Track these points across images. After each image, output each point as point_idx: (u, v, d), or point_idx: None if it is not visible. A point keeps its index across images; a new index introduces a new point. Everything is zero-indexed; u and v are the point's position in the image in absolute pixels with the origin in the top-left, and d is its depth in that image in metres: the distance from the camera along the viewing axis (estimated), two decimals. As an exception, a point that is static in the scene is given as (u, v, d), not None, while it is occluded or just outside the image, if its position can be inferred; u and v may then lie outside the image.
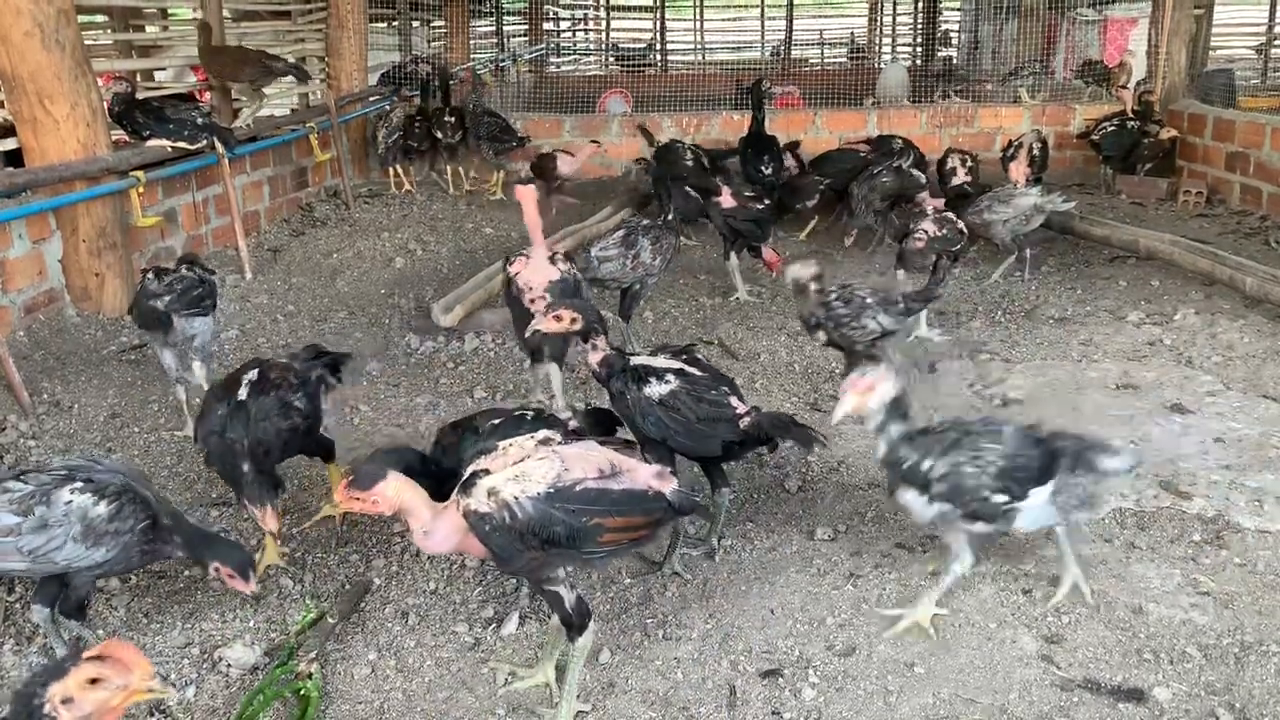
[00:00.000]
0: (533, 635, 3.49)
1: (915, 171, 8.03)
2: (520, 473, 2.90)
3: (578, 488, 2.91)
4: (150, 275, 5.03)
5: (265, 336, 6.42)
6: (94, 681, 2.14)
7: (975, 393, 5.38)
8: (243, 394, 3.79)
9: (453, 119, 10.17)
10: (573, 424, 3.81)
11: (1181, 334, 6.10)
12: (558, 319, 3.81)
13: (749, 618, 3.54)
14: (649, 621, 3.54)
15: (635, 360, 3.89)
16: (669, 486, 3.04)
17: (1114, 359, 5.80)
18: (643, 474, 3.04)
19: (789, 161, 9.27)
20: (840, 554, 3.91)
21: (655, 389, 3.76)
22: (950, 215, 6.36)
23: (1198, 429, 4.84)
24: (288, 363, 4.09)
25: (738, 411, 3.78)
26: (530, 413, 3.81)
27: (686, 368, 3.87)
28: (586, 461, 2.98)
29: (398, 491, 2.88)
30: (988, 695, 3.13)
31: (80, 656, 2.17)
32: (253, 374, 3.90)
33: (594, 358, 3.86)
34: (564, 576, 2.99)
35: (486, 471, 2.93)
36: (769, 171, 8.75)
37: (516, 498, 2.85)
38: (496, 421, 3.69)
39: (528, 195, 4.98)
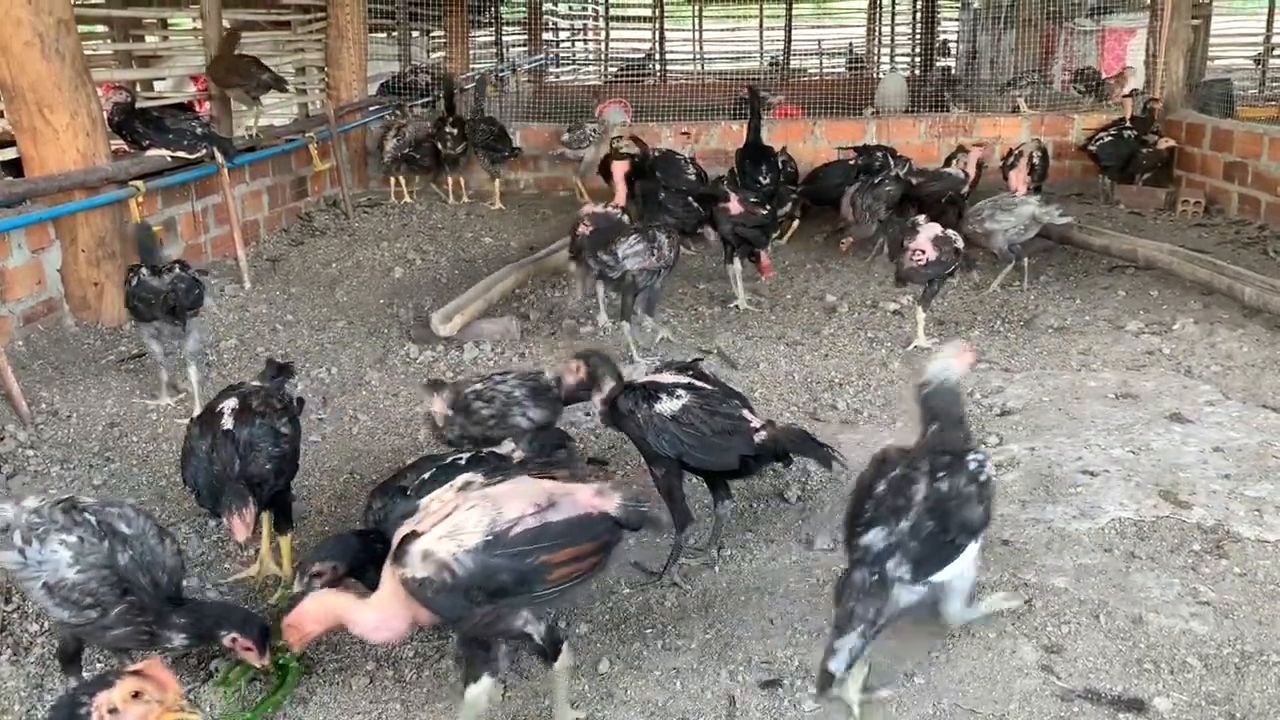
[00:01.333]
0: (531, 645, 3.48)
1: (950, 170, 8.12)
2: (452, 527, 2.75)
3: (516, 529, 2.74)
4: (146, 271, 5.20)
5: (264, 346, 6.41)
6: (136, 695, 2.25)
7: (974, 402, 5.38)
8: (228, 424, 3.62)
9: (455, 130, 10.19)
10: (517, 455, 3.63)
11: (1180, 343, 6.10)
12: (573, 372, 3.95)
13: (748, 628, 3.53)
14: (648, 631, 3.53)
15: (643, 378, 3.88)
16: (613, 503, 2.89)
17: (1113, 368, 5.80)
18: (583, 496, 2.88)
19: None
20: (840, 564, 3.86)
21: (667, 405, 3.70)
22: (949, 235, 6.12)
23: (1197, 438, 4.83)
24: (265, 387, 3.91)
25: (752, 425, 3.73)
26: (464, 457, 3.60)
27: (696, 382, 3.83)
28: (519, 498, 2.82)
29: (318, 605, 2.81)
30: (988, 705, 3.12)
31: (124, 672, 2.29)
32: (233, 403, 3.72)
33: (600, 397, 3.84)
34: (526, 618, 2.84)
35: (416, 534, 2.78)
36: (767, 181, 8.75)
37: (454, 554, 2.69)
38: (425, 476, 3.47)
39: (620, 169, 6.95)
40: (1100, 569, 3.80)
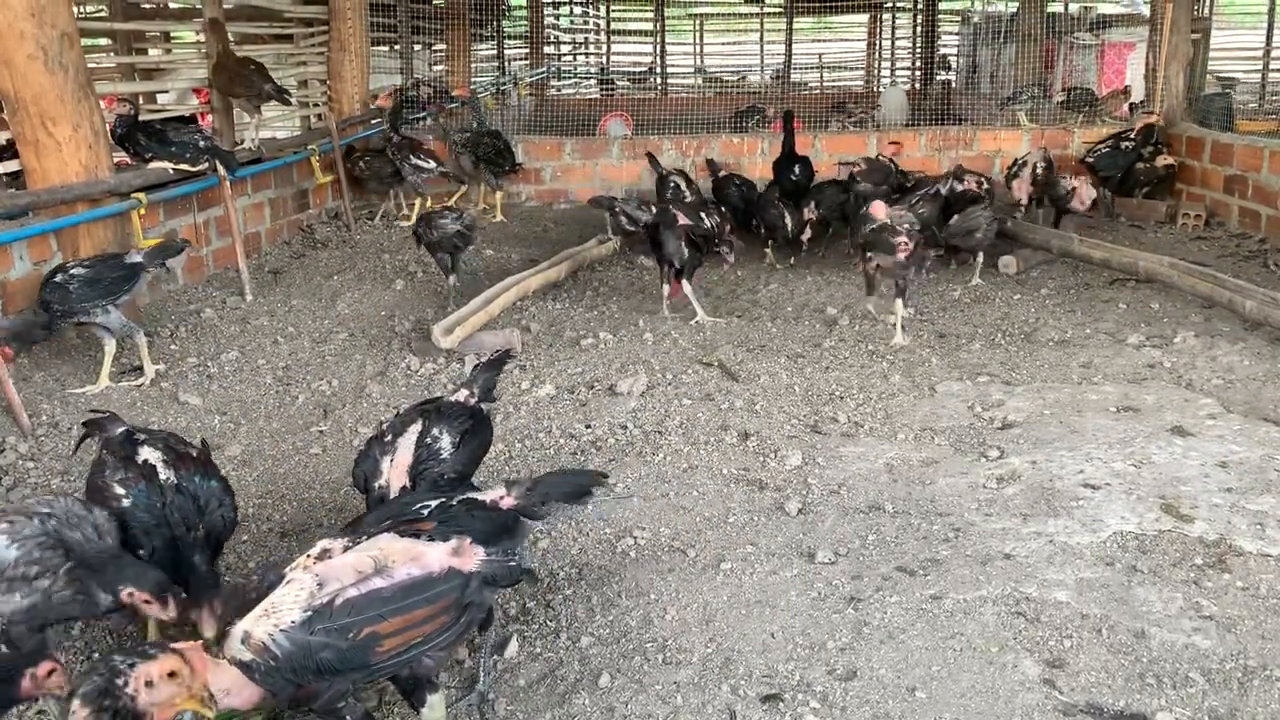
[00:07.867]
0: (538, 655, 3.48)
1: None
2: (269, 607, 2.63)
3: (338, 601, 2.60)
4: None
5: (265, 358, 6.42)
6: (173, 675, 2.32)
7: (975, 415, 5.38)
8: (168, 476, 3.50)
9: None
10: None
11: (1181, 357, 6.10)
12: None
13: (749, 642, 3.52)
14: (649, 645, 3.52)
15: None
16: (471, 561, 2.75)
17: (1114, 382, 5.79)
18: (433, 555, 2.75)
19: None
20: (841, 577, 3.89)
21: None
22: (906, 215, 6.47)
23: (1199, 452, 4.82)
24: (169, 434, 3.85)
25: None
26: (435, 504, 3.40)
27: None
28: (345, 568, 2.69)
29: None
30: (990, 720, 3.11)
31: (167, 646, 2.38)
32: (160, 453, 3.60)
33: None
34: (345, 703, 2.73)
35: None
36: (797, 176, 9.00)
37: (271, 635, 2.57)
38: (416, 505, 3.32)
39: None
40: (1102, 583, 3.79)
